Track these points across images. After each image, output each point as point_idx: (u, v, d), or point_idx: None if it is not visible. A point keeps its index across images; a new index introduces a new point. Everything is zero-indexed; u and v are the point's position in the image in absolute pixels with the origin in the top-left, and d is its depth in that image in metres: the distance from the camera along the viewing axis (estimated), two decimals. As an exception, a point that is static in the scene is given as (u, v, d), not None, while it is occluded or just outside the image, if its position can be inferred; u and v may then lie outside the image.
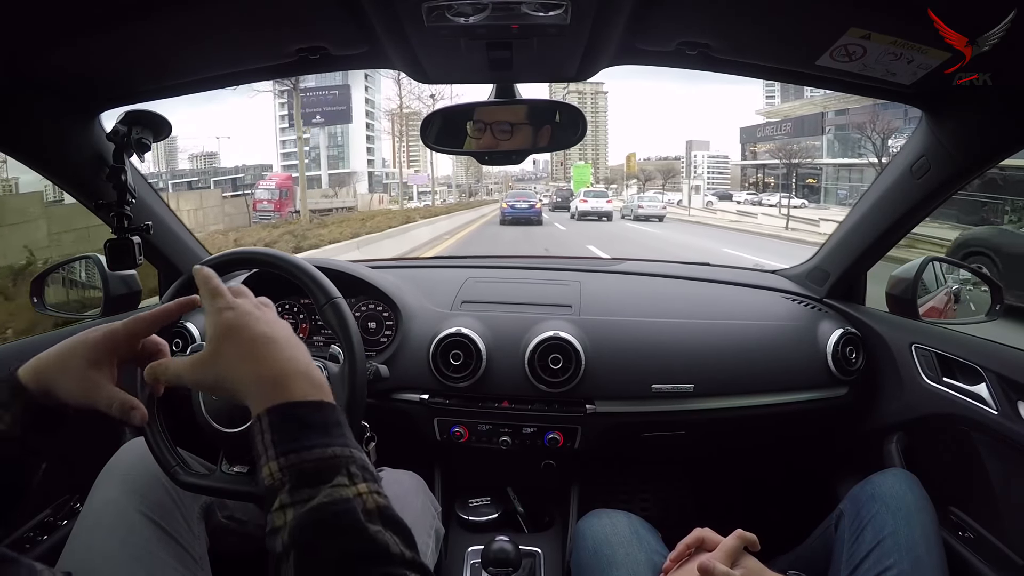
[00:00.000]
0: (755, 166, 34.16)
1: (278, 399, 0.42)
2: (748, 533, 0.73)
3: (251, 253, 0.85)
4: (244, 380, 0.44)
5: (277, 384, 0.43)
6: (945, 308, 1.16)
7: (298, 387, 0.43)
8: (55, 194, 6.73)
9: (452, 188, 35.62)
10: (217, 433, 0.75)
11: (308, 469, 0.39)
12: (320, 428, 0.41)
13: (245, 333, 0.45)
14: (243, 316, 0.46)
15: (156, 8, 0.65)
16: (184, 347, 1.15)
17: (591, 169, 48.09)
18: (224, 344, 0.45)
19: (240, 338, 0.45)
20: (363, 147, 44.12)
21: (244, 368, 0.44)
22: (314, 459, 0.40)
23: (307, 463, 0.39)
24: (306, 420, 0.41)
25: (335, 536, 0.37)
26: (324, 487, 0.38)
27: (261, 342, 0.45)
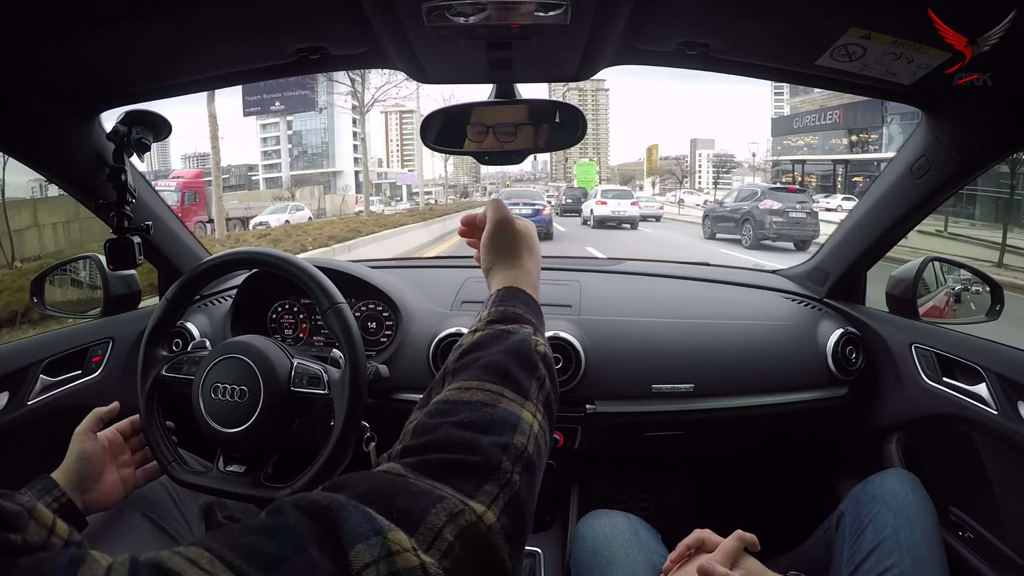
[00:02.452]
0: (792, 162, 28.65)
1: (510, 284, 0.56)
2: (748, 534, 0.73)
3: (254, 253, 0.85)
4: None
5: (514, 278, 0.57)
6: (945, 308, 1.16)
7: (526, 284, 0.57)
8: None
9: (445, 188, 34.27)
10: (216, 433, 0.75)
11: (506, 314, 0.51)
12: (526, 304, 0.53)
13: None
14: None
15: (156, 8, 0.65)
16: (184, 347, 1.15)
17: (596, 167, 44.73)
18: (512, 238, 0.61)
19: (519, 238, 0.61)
20: (349, 145, 43.66)
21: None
22: (514, 312, 0.51)
23: (509, 312, 0.51)
24: (520, 297, 0.54)
25: (503, 342, 0.47)
26: (511, 324, 0.50)
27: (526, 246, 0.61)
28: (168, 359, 0.81)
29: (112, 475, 0.74)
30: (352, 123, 43.27)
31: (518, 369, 0.45)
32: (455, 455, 0.37)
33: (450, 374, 0.46)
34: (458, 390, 0.43)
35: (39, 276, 1.21)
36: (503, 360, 0.45)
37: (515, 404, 0.42)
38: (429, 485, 0.34)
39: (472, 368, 0.45)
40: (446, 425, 0.39)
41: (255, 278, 1.21)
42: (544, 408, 0.45)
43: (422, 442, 0.38)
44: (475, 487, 0.35)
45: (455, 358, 0.47)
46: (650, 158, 47.69)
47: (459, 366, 0.46)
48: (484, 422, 0.40)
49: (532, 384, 0.45)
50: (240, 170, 46.26)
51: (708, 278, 1.36)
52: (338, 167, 43.67)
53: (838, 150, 24.94)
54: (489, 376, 0.43)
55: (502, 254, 0.59)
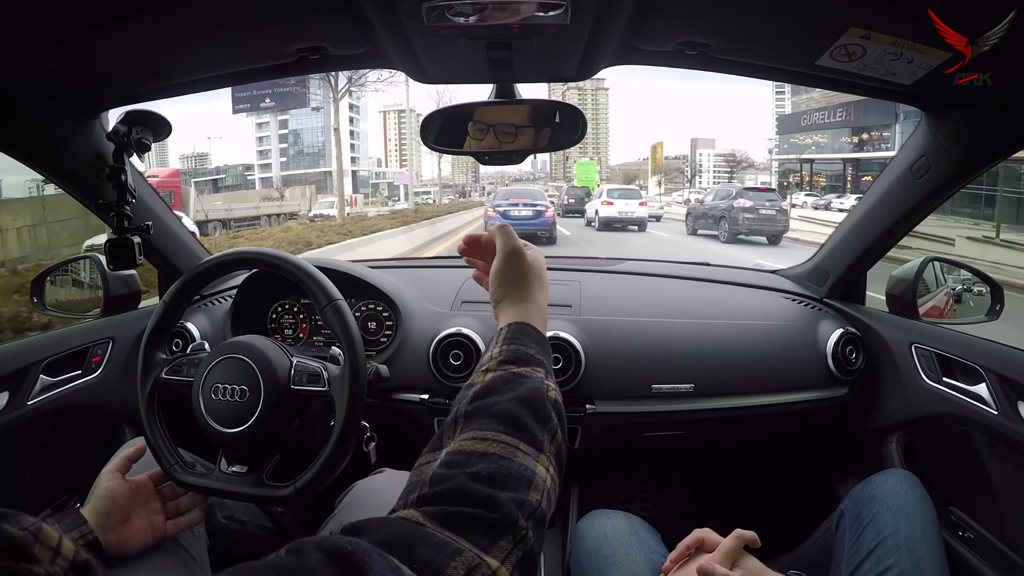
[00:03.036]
0: (800, 160, 27.97)
1: (520, 319, 0.56)
2: (747, 532, 0.73)
3: (253, 253, 0.85)
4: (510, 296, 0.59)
5: (524, 312, 0.57)
6: (945, 308, 1.16)
7: (536, 320, 0.57)
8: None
9: (440, 188, 33.51)
10: (217, 433, 0.75)
11: (519, 354, 0.52)
12: (537, 344, 0.54)
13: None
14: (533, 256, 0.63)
15: (156, 8, 0.65)
16: (184, 347, 1.15)
17: (597, 166, 43.41)
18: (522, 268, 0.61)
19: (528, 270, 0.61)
20: (346, 144, 43.45)
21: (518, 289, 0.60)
22: (527, 352, 0.52)
23: (521, 351, 0.52)
24: (531, 336, 0.55)
25: (516, 387, 0.48)
26: (525, 367, 0.50)
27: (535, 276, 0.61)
28: (168, 362, 0.81)
29: (140, 520, 0.72)
30: (349, 122, 43.06)
31: (532, 420, 0.45)
32: (474, 509, 0.38)
33: (462, 418, 0.46)
34: (474, 440, 0.43)
35: (39, 276, 1.21)
36: (517, 410, 0.45)
37: (530, 458, 0.43)
38: (448, 537, 0.35)
39: (486, 416, 0.45)
40: (462, 476, 0.40)
41: (255, 278, 1.21)
42: (556, 459, 0.46)
43: (439, 491, 0.39)
44: (491, 542, 0.36)
45: (468, 400, 0.47)
46: (655, 156, 46.71)
47: (472, 410, 0.46)
48: (501, 476, 0.40)
49: (545, 436, 0.45)
50: (236, 170, 46.09)
51: (708, 278, 1.36)
52: (334, 166, 43.53)
53: (848, 149, 24.24)
54: (504, 427, 0.44)
55: (512, 286, 0.59)
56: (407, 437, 1.15)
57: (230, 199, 29.93)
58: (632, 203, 14.54)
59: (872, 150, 22.91)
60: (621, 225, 14.37)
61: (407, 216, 15.64)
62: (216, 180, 42.39)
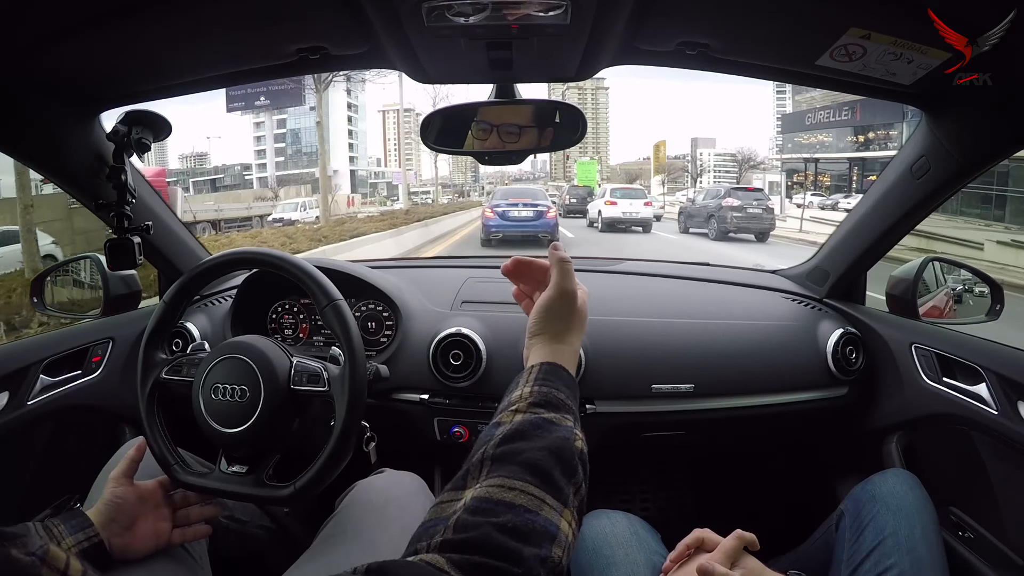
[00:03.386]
0: (805, 160, 26.36)
1: (552, 359, 0.55)
2: (747, 533, 0.73)
3: (252, 253, 0.85)
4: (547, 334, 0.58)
5: (556, 352, 0.56)
6: (945, 308, 1.16)
7: (567, 361, 0.56)
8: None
9: (436, 189, 32.61)
10: (217, 433, 0.75)
11: (550, 399, 0.51)
12: (568, 388, 0.53)
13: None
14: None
15: (156, 8, 0.65)
16: (184, 347, 1.15)
17: (597, 166, 42.32)
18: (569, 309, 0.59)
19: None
20: (344, 144, 43.22)
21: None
22: (558, 396, 0.51)
23: (552, 395, 0.51)
24: (562, 378, 0.54)
25: (545, 435, 0.47)
26: (555, 413, 0.50)
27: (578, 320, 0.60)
28: (168, 362, 0.81)
29: (146, 525, 0.72)
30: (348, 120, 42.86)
31: (560, 473, 0.45)
32: (498, 562, 0.38)
33: (489, 460, 0.45)
34: (501, 488, 0.43)
35: (39, 276, 1.21)
36: (546, 461, 0.45)
37: (555, 512, 0.43)
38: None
39: (514, 463, 0.44)
40: (488, 526, 0.40)
41: (255, 278, 1.21)
42: (578, 512, 0.46)
43: (464, 539, 0.39)
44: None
45: (496, 442, 0.46)
46: (657, 155, 45.51)
47: (500, 454, 0.45)
48: (526, 530, 0.40)
49: (570, 490, 0.45)
50: (234, 170, 45.92)
51: (708, 278, 1.36)
52: (333, 166, 43.31)
53: (852, 148, 23.54)
54: (532, 477, 0.43)
55: (555, 324, 0.58)
56: (407, 437, 1.15)
57: (222, 199, 29.09)
58: (637, 203, 13.86)
59: (878, 149, 22.40)
60: (625, 226, 13.80)
61: (397, 217, 14.64)
62: (214, 180, 42.23)
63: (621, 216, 13.55)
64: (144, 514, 0.72)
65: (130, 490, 0.72)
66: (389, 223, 12.77)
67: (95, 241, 10.25)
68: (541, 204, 10.77)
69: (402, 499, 0.83)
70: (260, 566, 0.94)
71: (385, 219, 14.39)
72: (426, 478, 0.95)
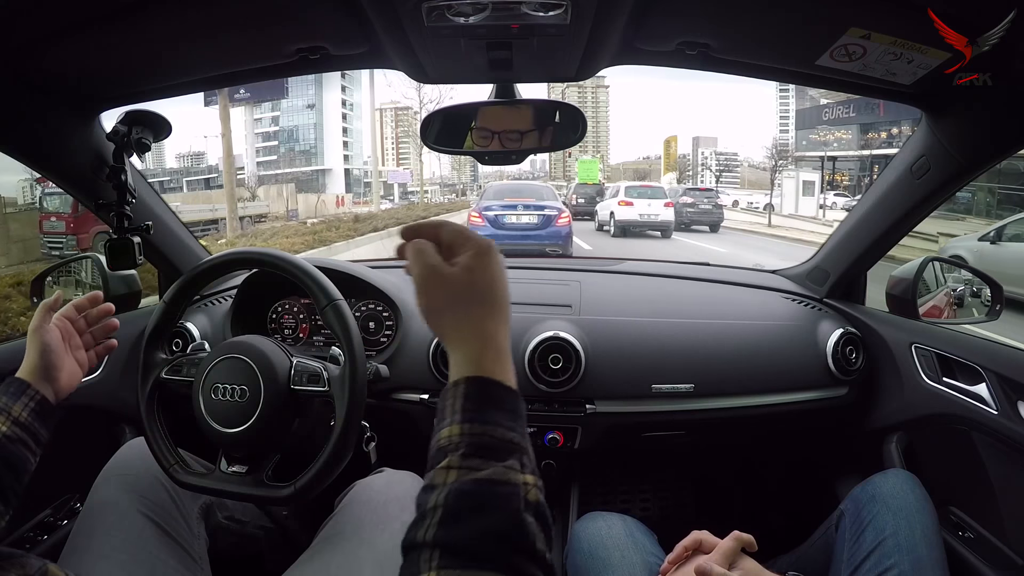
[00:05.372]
0: (821, 158, 24.50)
1: (479, 372, 0.43)
2: (745, 534, 0.73)
3: (252, 253, 0.85)
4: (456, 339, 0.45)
5: (481, 357, 0.44)
6: (945, 308, 1.16)
7: (498, 367, 0.44)
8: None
9: (422, 188, 31.66)
10: (217, 433, 0.75)
11: (487, 443, 0.40)
12: (509, 412, 0.42)
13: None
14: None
15: (156, 8, 0.65)
16: (184, 347, 1.15)
17: (599, 164, 39.41)
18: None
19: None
20: (339, 143, 42.85)
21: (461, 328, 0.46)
22: (497, 437, 0.41)
23: (489, 437, 0.40)
24: (499, 401, 0.43)
25: (490, 512, 0.38)
26: (496, 464, 0.39)
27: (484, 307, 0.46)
28: (168, 362, 0.81)
29: (70, 361, 0.75)
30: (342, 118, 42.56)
31: (517, 556, 0.37)
32: None
33: (430, 547, 0.37)
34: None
35: (39, 276, 1.21)
36: (494, 551, 0.37)
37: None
38: None
39: (462, 556, 0.36)
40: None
41: (255, 278, 1.21)
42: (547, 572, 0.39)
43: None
44: None
45: (434, 524, 0.38)
46: (667, 152, 43.25)
47: (442, 543, 0.37)
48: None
49: (531, 566, 0.37)
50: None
51: (708, 278, 1.36)
52: (327, 164, 42.90)
53: (875, 145, 21.79)
54: (489, 569, 0.36)
55: (464, 311, 0.45)
56: (407, 437, 1.15)
57: (188, 199, 26.45)
58: (656, 203, 11.82)
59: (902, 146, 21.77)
60: (641, 230, 11.83)
61: (344, 229, 11.86)
62: (208, 179, 41.93)
63: (637, 219, 11.70)
64: (66, 351, 0.75)
65: (51, 333, 0.73)
66: (345, 233, 10.43)
67: (32, 250, 9.77)
68: (549, 207, 7.82)
69: (402, 499, 0.83)
70: (260, 566, 0.94)
71: (338, 228, 11.54)
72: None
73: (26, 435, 0.67)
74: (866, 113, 22.58)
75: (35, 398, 0.69)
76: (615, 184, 15.80)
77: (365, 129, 41.34)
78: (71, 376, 0.75)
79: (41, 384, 0.70)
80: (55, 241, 10.07)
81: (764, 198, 25.23)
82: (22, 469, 0.66)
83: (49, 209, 10.38)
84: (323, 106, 41.32)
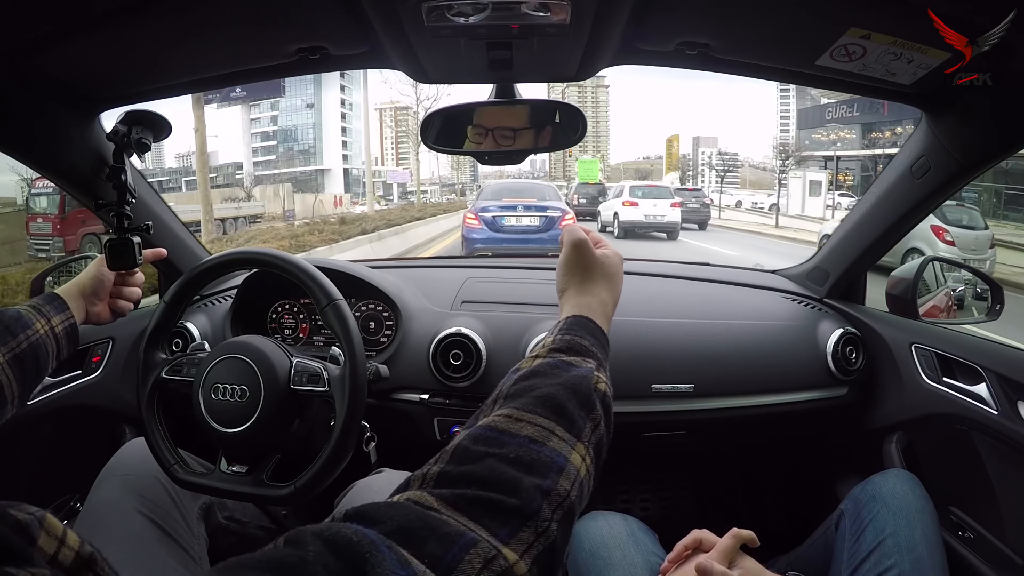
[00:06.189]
0: (825, 158, 24.57)
1: (581, 313, 0.55)
2: (745, 531, 0.73)
3: (252, 253, 0.85)
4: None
5: (587, 308, 0.56)
6: (945, 308, 1.16)
7: (598, 316, 0.56)
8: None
9: (417, 191, 31.34)
10: (217, 433, 0.75)
11: (571, 344, 0.50)
12: (595, 338, 0.53)
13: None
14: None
15: (156, 8, 0.65)
16: (184, 347, 1.15)
17: (600, 164, 39.08)
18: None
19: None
20: (338, 143, 42.74)
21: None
22: (579, 343, 0.51)
23: (573, 342, 0.50)
24: (589, 328, 0.53)
25: (561, 375, 0.45)
26: (575, 356, 0.49)
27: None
28: (168, 361, 0.81)
29: (105, 302, 0.86)
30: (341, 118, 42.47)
31: (575, 406, 0.43)
32: (493, 494, 0.35)
33: (503, 398, 0.44)
34: (507, 419, 0.40)
35: (39, 275, 1.21)
36: (560, 394, 0.43)
37: (565, 444, 0.40)
38: (462, 525, 0.32)
39: (526, 396, 0.43)
40: (489, 458, 0.37)
41: (255, 278, 1.21)
42: (595, 451, 0.43)
43: (461, 472, 0.36)
44: (510, 533, 0.33)
45: (511, 382, 0.45)
46: (670, 151, 43.53)
47: (513, 391, 0.44)
48: (529, 460, 0.37)
49: (587, 424, 0.43)
50: (227, 169, 45.60)
51: (708, 278, 1.36)
52: (326, 164, 42.74)
53: (880, 144, 21.68)
54: (543, 409, 0.41)
55: (576, 279, 0.58)
56: (407, 437, 1.15)
57: (184, 199, 25.97)
58: (662, 204, 11.61)
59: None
60: (646, 231, 11.61)
61: (347, 226, 11.26)
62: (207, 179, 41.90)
63: (643, 220, 11.51)
64: (107, 292, 0.86)
65: (109, 273, 0.85)
66: (328, 237, 9.33)
67: (19, 252, 9.71)
68: (551, 207, 7.37)
69: None
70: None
71: (298, 233, 10.54)
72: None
73: (56, 345, 0.76)
74: (870, 112, 22.54)
75: (70, 319, 0.79)
76: (619, 184, 15.76)
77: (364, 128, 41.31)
78: (104, 311, 0.86)
79: (77, 304, 0.80)
80: (41, 243, 10.02)
81: (767, 198, 24.96)
82: (43, 371, 0.75)
83: (36, 210, 10.30)
84: (322, 106, 41.31)
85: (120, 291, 0.88)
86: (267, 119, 44.59)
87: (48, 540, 0.27)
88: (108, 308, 0.86)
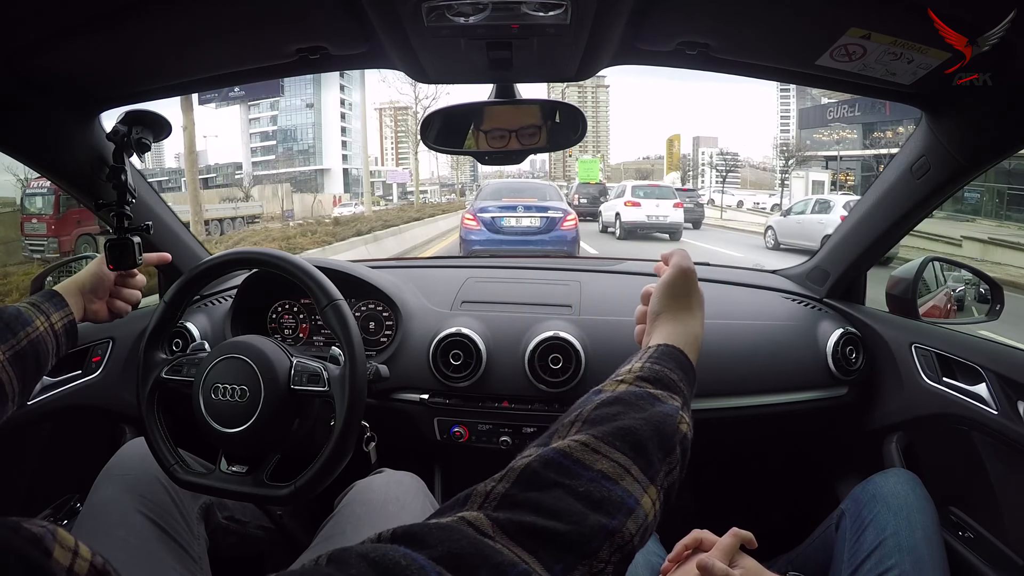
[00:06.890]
0: (826, 158, 24.79)
1: (673, 343, 0.54)
2: (744, 531, 0.73)
3: (252, 253, 0.85)
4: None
5: (680, 337, 0.55)
6: (945, 308, 1.16)
7: (688, 348, 0.55)
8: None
9: (417, 191, 31.12)
10: (217, 433, 0.75)
11: (659, 375, 0.48)
12: (684, 372, 0.51)
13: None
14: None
15: (156, 8, 0.65)
16: (184, 347, 1.15)
17: (600, 164, 38.91)
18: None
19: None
20: (337, 142, 42.68)
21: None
22: (667, 376, 0.49)
23: (661, 373, 0.48)
24: (679, 361, 0.52)
25: (643, 410, 0.44)
26: (662, 391, 0.47)
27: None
28: (168, 361, 0.81)
29: (103, 301, 0.87)
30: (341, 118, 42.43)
31: (654, 445, 0.41)
32: (555, 525, 0.33)
33: (581, 422, 0.42)
34: (584, 447, 0.39)
35: (40, 275, 1.21)
36: (643, 430, 0.41)
37: (638, 486, 0.39)
38: (515, 555, 0.31)
39: (607, 425, 0.41)
40: (558, 488, 0.36)
41: (255, 278, 1.21)
42: (665, 496, 0.42)
43: (526, 498, 0.35)
44: (564, 570, 0.32)
45: (592, 405, 0.43)
46: (671, 151, 43.43)
47: (594, 417, 0.42)
48: (599, 497, 0.36)
49: (663, 467, 0.41)
50: (226, 169, 45.57)
51: (708, 278, 1.35)
52: (326, 164, 42.64)
53: (882, 144, 21.81)
54: (622, 444, 0.40)
55: (675, 305, 0.58)
56: (407, 437, 1.15)
57: (180, 200, 25.76)
58: (665, 204, 11.54)
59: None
60: (648, 232, 11.40)
61: (341, 227, 10.92)
62: (207, 179, 41.85)
63: (645, 220, 11.37)
64: (106, 291, 0.87)
65: (109, 272, 0.85)
66: (322, 238, 8.95)
67: (14, 252, 9.65)
68: (553, 208, 7.17)
69: (401, 498, 0.83)
70: (260, 567, 0.94)
71: (290, 235, 10.13)
72: (426, 478, 0.96)
73: (56, 342, 0.76)
74: (872, 112, 22.50)
75: (69, 316, 0.79)
76: (621, 184, 15.60)
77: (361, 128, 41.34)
78: (101, 309, 0.86)
79: (75, 301, 0.81)
80: (36, 243, 9.85)
81: (768, 198, 24.80)
82: (43, 368, 0.75)
83: (31, 210, 10.14)
84: (321, 105, 41.31)
85: (119, 292, 0.88)
86: (266, 119, 44.55)
87: (63, 552, 0.27)
88: (106, 307, 0.87)
